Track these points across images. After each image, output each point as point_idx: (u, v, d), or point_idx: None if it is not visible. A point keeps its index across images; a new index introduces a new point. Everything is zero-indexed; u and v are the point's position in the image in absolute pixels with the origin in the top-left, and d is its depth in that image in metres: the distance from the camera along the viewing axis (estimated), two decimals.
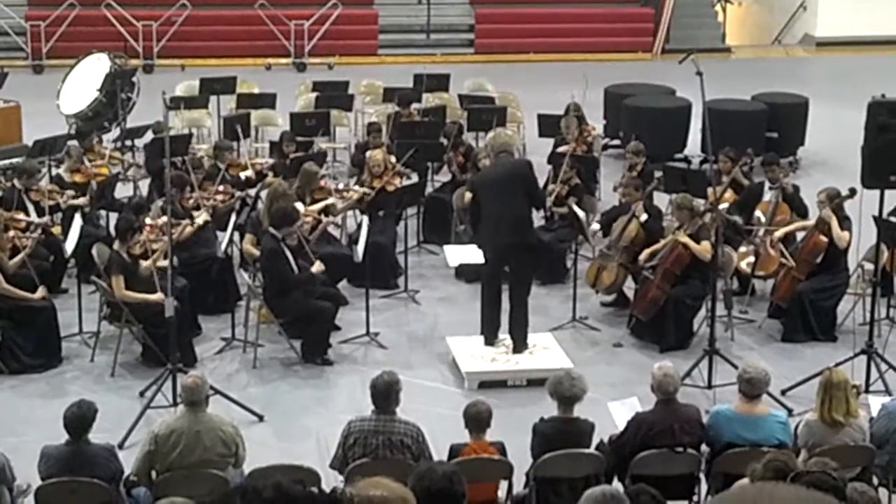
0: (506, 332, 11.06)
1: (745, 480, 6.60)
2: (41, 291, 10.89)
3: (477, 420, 8.11)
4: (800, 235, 12.05)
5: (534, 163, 11.90)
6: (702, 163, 16.26)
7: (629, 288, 12.05)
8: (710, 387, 10.34)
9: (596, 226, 12.47)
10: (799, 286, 11.56)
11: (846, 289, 11.68)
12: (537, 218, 13.47)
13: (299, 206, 11.87)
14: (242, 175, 13.40)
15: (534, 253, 11.25)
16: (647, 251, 11.69)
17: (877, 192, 10.16)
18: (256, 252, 11.46)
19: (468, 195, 12.89)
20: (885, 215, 10.64)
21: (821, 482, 5.78)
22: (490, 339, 11.01)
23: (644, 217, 12.00)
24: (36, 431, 9.48)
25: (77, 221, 11.51)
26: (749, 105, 17.11)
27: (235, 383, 10.66)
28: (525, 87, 18.54)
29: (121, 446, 9.17)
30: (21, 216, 11.93)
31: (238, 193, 12.76)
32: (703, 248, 11.13)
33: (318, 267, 11.10)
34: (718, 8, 25.38)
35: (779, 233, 11.92)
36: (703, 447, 8.28)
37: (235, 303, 11.77)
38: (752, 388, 8.23)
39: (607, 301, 12.31)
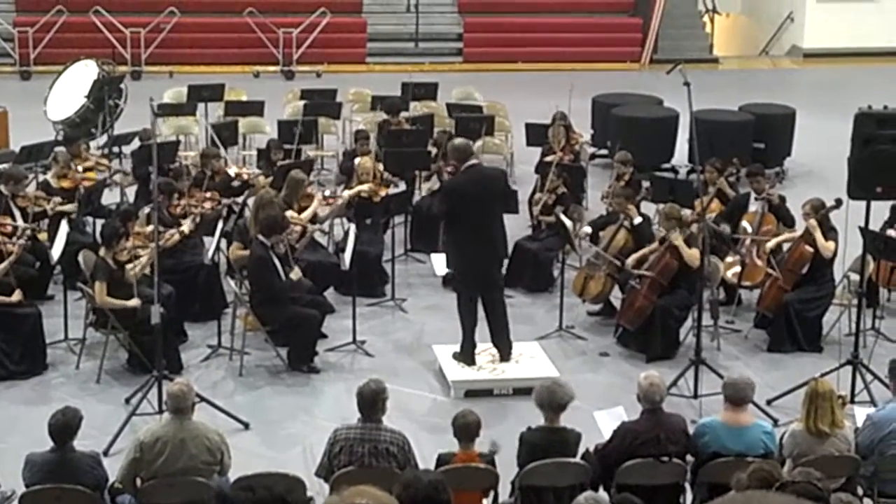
0: (489, 341, 11.05)
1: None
2: (17, 295, 10.83)
3: (466, 430, 8.10)
4: (786, 246, 12.08)
5: (521, 172, 11.89)
6: (689, 173, 16.29)
7: (616, 297, 12.06)
8: (695, 396, 10.36)
9: (588, 228, 12.46)
10: (785, 296, 11.59)
11: (832, 299, 11.69)
12: (524, 227, 13.53)
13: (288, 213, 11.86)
14: (234, 181, 13.37)
15: (502, 263, 11.23)
16: (634, 256, 11.71)
17: (863, 203, 10.19)
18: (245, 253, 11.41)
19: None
20: (878, 229, 10.67)
21: (806, 492, 5.79)
22: (470, 361, 10.94)
23: (638, 220, 12.00)
24: (21, 438, 9.46)
25: (63, 228, 11.49)
26: (736, 115, 17.15)
27: (221, 391, 10.64)
28: (513, 97, 18.56)
29: (106, 453, 9.15)
30: (8, 221, 11.90)
31: (225, 201, 12.74)
32: (695, 255, 11.13)
33: (295, 274, 11.06)
34: (706, 19, 25.43)
35: (770, 243, 11.93)
36: (689, 457, 8.29)
37: (222, 310, 11.75)
38: (736, 391, 8.24)
39: (594, 310, 12.31)
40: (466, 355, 10.89)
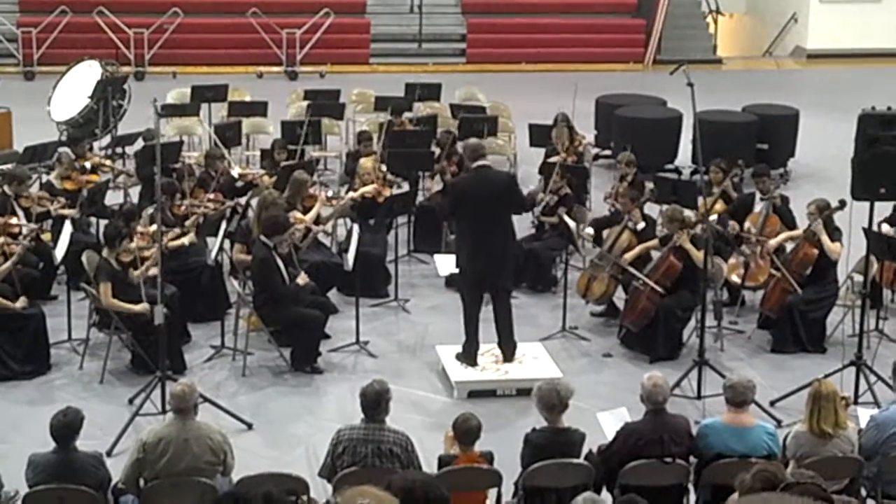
0: (492, 342, 11.04)
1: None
2: (21, 302, 10.83)
3: (467, 434, 8.10)
4: (789, 246, 12.07)
5: (525, 172, 11.87)
6: (692, 173, 16.29)
7: (619, 298, 12.06)
8: (699, 397, 10.35)
9: (590, 229, 12.47)
10: (789, 297, 11.58)
11: (836, 300, 11.69)
12: (527, 227, 13.53)
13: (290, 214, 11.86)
14: (238, 182, 13.36)
15: (512, 265, 11.19)
16: (630, 253, 11.72)
17: (866, 204, 10.19)
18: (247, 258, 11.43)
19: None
20: (875, 224, 10.65)
21: (812, 493, 5.76)
22: (472, 362, 10.93)
23: (641, 226, 12.00)
24: (24, 438, 9.46)
25: (67, 228, 11.49)
26: (740, 116, 17.14)
27: (224, 391, 10.65)
28: (516, 97, 18.56)
29: (109, 454, 9.16)
30: (15, 221, 11.91)
31: (228, 203, 12.75)
32: (702, 256, 11.08)
33: (302, 279, 11.08)
34: (710, 19, 25.43)
35: (772, 242, 11.92)
36: (692, 458, 8.28)
37: (225, 310, 11.75)
38: (736, 394, 8.23)
39: (597, 311, 12.31)
40: (468, 356, 10.89)
